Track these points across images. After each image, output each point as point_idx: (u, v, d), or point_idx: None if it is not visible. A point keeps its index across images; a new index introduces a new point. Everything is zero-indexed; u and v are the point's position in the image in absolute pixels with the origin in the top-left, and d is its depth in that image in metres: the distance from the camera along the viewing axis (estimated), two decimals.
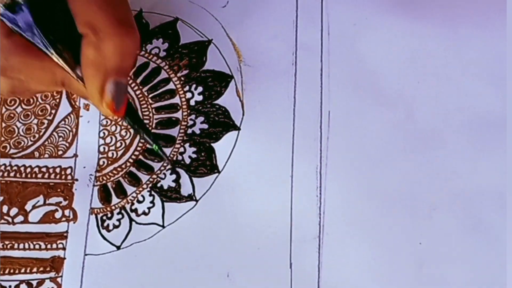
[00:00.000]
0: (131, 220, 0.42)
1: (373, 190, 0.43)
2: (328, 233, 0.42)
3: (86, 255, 0.42)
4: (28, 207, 0.43)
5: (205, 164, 0.43)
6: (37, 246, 0.42)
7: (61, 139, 0.44)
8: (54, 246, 0.42)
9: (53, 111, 0.45)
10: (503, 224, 0.41)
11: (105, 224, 0.42)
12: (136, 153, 0.44)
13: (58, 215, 0.43)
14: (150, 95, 0.45)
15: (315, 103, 0.44)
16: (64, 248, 0.42)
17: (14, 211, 0.43)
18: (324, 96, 0.44)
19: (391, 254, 0.41)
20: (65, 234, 0.42)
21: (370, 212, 0.42)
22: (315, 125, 0.44)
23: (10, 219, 0.43)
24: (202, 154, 0.43)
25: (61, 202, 0.43)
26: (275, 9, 0.46)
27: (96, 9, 0.35)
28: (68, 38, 0.35)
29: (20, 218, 0.43)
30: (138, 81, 0.45)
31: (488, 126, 0.43)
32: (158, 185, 0.43)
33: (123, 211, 0.43)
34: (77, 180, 0.43)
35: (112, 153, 0.44)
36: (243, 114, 0.44)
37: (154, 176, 0.43)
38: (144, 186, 0.43)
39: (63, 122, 0.45)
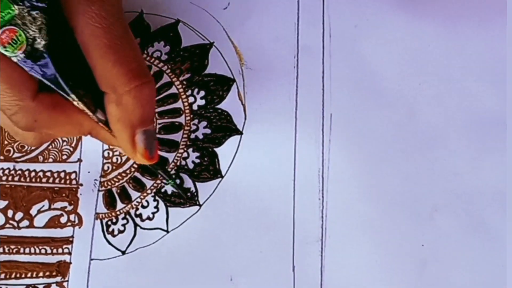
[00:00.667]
0: (135, 225, 0.43)
1: (375, 192, 0.43)
2: (330, 236, 0.42)
3: (91, 260, 0.42)
4: (33, 211, 0.43)
5: (208, 169, 0.44)
6: (43, 251, 0.43)
7: (65, 143, 0.45)
8: (60, 250, 0.43)
9: None
10: (504, 225, 0.42)
11: (110, 229, 0.43)
12: None
13: (63, 219, 0.43)
14: None
15: (317, 106, 0.45)
16: (69, 253, 0.43)
17: (19, 215, 0.43)
18: (326, 98, 0.45)
19: (394, 256, 0.42)
20: (70, 239, 0.43)
21: (372, 214, 0.43)
22: (317, 128, 0.44)
23: (15, 224, 0.43)
24: (205, 159, 0.44)
25: (66, 207, 0.43)
26: (276, 11, 0.46)
27: (111, 66, 0.35)
28: (87, 83, 0.36)
29: (26, 222, 0.43)
30: None
31: (489, 126, 0.44)
32: (162, 190, 0.43)
33: (127, 216, 0.43)
34: (81, 185, 0.44)
35: (117, 158, 0.44)
36: (245, 118, 0.44)
37: (158, 181, 0.44)
38: (148, 191, 0.44)
39: None
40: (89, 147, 0.44)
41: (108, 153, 0.44)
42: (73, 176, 0.44)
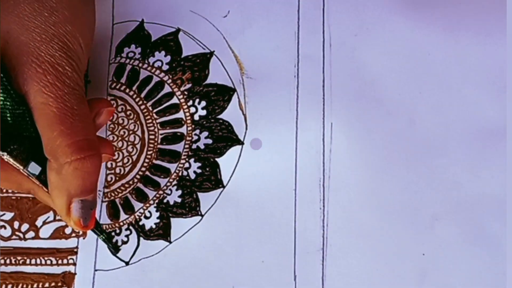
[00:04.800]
0: (139, 235, 0.43)
1: (376, 201, 0.43)
2: (331, 245, 0.43)
3: (96, 270, 0.43)
4: (38, 223, 0.44)
5: (210, 179, 0.44)
6: (48, 262, 0.43)
7: None
8: (65, 261, 0.43)
9: None
10: (505, 233, 0.42)
11: (114, 240, 0.43)
12: (143, 169, 0.44)
13: (68, 230, 0.44)
14: (155, 110, 0.45)
15: (318, 115, 0.45)
16: (74, 264, 0.43)
17: (25, 227, 0.44)
18: (327, 107, 0.45)
19: (395, 265, 0.42)
20: (75, 250, 0.44)
21: (373, 223, 0.43)
22: (317, 137, 0.44)
23: (21, 235, 0.44)
24: (207, 169, 0.44)
25: None
26: (276, 20, 0.47)
27: (56, 135, 0.36)
28: (21, 137, 0.36)
29: (31, 234, 0.44)
30: (142, 95, 0.45)
31: (489, 134, 0.44)
32: (165, 200, 0.44)
33: (131, 227, 0.44)
34: None
35: (120, 169, 0.44)
36: (246, 128, 0.45)
37: (161, 192, 0.44)
38: (151, 202, 0.44)
39: None
40: None
41: (111, 164, 0.45)
42: None
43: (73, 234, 0.44)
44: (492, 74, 0.45)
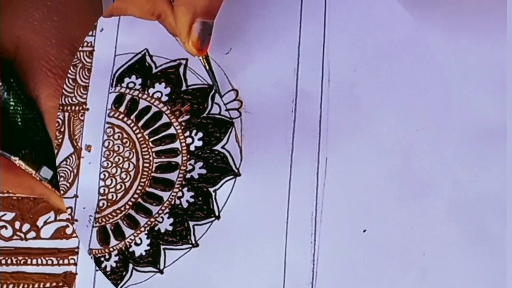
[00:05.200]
0: (128, 262, 0.43)
1: (367, 237, 0.42)
2: (321, 280, 0.42)
3: (97, 270, 0.43)
4: (39, 223, 0.44)
5: (202, 209, 0.44)
6: (49, 262, 0.44)
7: (62, 179, 0.44)
8: (66, 261, 0.44)
9: (55, 152, 0.44)
10: (505, 233, 0.41)
11: (103, 266, 0.43)
12: (135, 196, 0.44)
13: (69, 231, 0.44)
14: (151, 139, 0.45)
15: (313, 150, 0.44)
16: (75, 264, 0.43)
17: (26, 227, 0.45)
18: (322, 142, 0.44)
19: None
20: (76, 250, 0.44)
21: (364, 260, 0.42)
22: (312, 171, 0.44)
23: (22, 235, 0.44)
24: (199, 198, 0.44)
25: None
26: (277, 57, 0.46)
27: None
28: (33, 142, 0.37)
29: (32, 234, 0.44)
30: (140, 124, 0.45)
31: (489, 134, 0.43)
32: (156, 228, 0.44)
33: (120, 253, 0.43)
34: (76, 220, 0.44)
35: (112, 195, 0.44)
36: (241, 160, 0.44)
37: (152, 220, 0.44)
38: (142, 229, 0.44)
39: (64, 163, 0.44)
40: (86, 183, 0.44)
41: (104, 189, 0.44)
42: (68, 211, 0.44)
43: (74, 235, 0.44)
44: (492, 74, 0.44)
